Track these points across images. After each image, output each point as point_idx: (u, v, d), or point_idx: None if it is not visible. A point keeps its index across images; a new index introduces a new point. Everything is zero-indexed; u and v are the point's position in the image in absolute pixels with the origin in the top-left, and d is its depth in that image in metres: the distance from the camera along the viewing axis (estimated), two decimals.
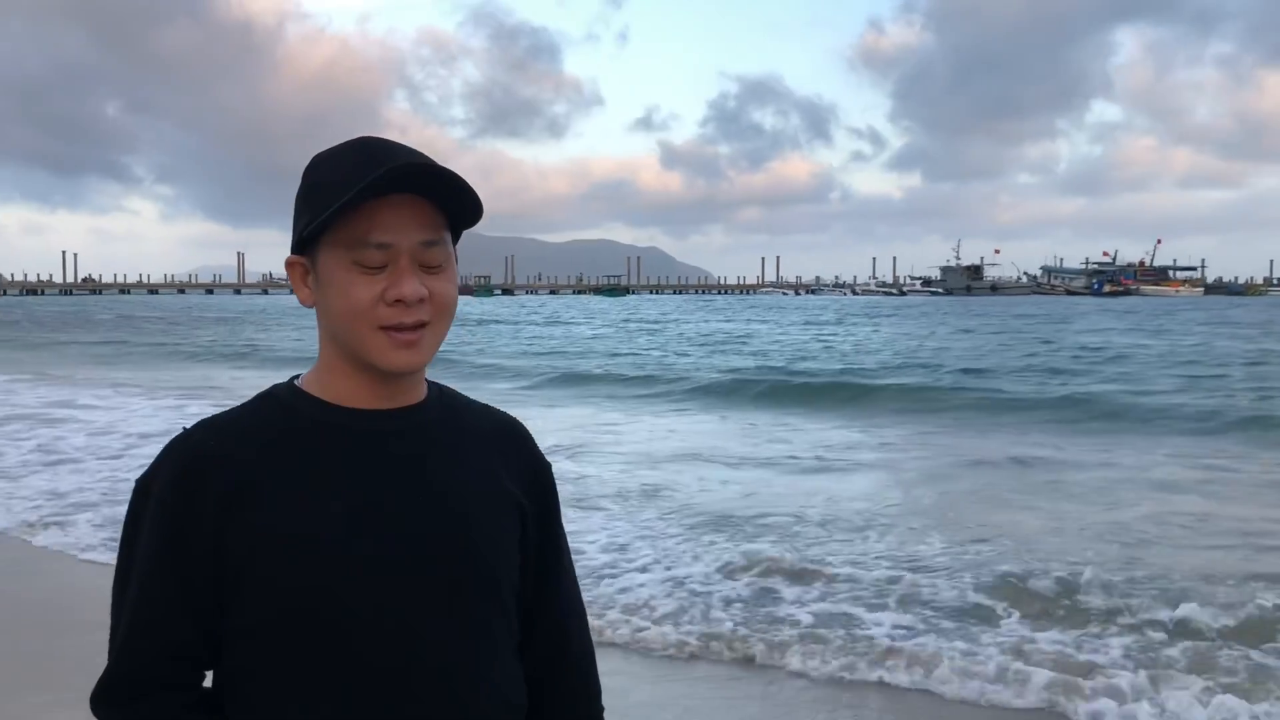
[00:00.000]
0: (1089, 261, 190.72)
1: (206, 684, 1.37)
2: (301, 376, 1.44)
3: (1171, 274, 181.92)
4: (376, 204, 1.31)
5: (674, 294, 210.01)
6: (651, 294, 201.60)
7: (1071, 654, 5.62)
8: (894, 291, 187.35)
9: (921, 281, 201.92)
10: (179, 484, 1.32)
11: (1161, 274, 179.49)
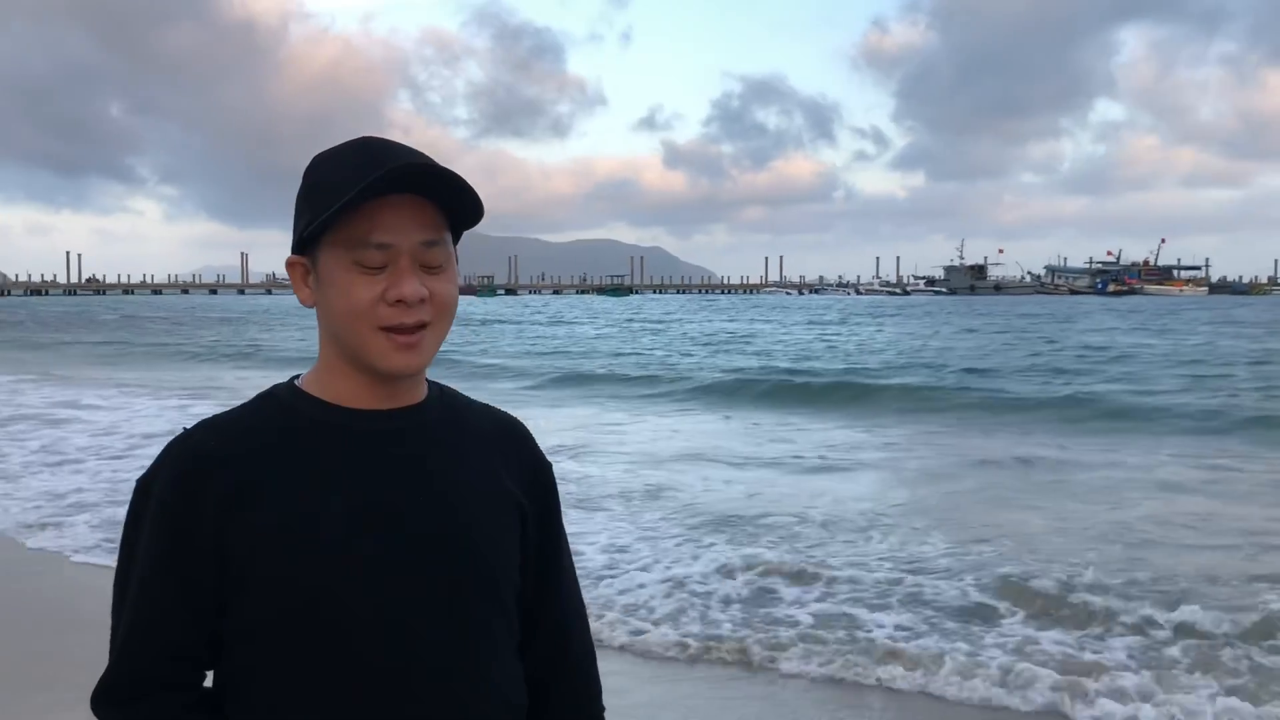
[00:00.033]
0: (1093, 261, 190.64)
1: (207, 684, 1.37)
2: (302, 377, 1.44)
3: (1176, 273, 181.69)
4: (377, 204, 1.31)
5: (677, 294, 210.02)
6: (655, 294, 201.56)
7: (1075, 655, 5.61)
8: (898, 291, 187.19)
9: (925, 281, 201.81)
10: (179, 484, 1.32)
11: (1166, 273, 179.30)
